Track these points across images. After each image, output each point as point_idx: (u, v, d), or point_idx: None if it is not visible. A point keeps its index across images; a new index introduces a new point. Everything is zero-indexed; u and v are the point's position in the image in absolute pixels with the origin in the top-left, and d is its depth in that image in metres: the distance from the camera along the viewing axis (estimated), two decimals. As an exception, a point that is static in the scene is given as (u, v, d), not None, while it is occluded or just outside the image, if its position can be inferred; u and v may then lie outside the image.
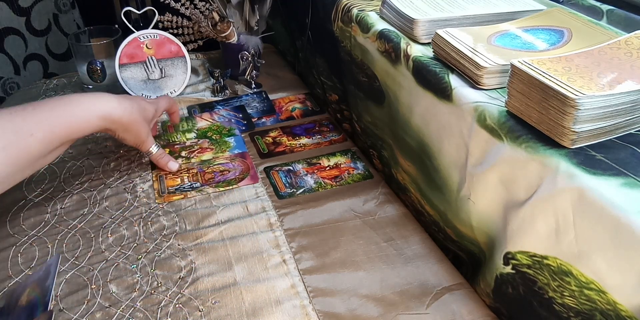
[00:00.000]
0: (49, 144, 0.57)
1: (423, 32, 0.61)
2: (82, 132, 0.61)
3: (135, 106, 0.67)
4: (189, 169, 0.77)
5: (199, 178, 0.75)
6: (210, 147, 0.82)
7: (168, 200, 0.70)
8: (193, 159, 0.79)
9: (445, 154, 0.58)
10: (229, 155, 0.80)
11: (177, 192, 0.72)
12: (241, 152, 0.81)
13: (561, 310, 0.44)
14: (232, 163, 0.78)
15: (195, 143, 0.83)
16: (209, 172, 0.76)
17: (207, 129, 0.87)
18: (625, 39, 0.49)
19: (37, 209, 0.69)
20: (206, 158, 0.79)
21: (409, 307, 0.55)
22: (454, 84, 0.54)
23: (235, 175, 0.75)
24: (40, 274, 0.54)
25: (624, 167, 0.40)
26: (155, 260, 0.61)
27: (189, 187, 0.73)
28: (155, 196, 0.71)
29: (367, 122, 0.79)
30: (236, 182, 0.74)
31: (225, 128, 0.87)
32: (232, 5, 0.94)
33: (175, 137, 0.85)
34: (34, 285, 0.53)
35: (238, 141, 0.84)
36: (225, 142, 0.83)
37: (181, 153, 0.80)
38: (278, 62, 1.13)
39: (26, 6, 1.15)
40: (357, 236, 0.65)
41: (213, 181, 0.74)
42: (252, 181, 0.74)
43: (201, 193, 0.72)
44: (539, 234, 0.45)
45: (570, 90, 0.41)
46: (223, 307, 0.55)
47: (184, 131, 0.86)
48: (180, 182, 0.74)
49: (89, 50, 0.93)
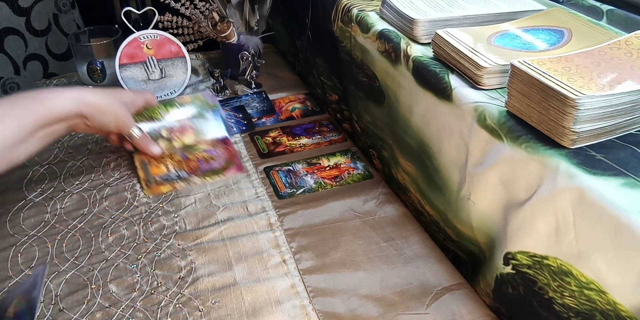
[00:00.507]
0: (22, 129, 0.57)
1: (423, 32, 0.61)
2: (55, 115, 0.60)
3: (111, 91, 0.68)
4: (172, 155, 0.77)
5: (183, 166, 0.75)
6: (191, 126, 0.80)
7: (157, 192, 0.71)
8: (175, 142, 0.78)
9: (445, 154, 0.58)
10: (211, 140, 0.80)
11: (165, 182, 0.73)
12: (222, 138, 0.81)
13: (561, 311, 0.44)
14: (215, 150, 0.78)
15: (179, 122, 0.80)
16: (193, 159, 0.76)
17: (190, 102, 0.85)
18: (625, 39, 0.49)
19: (37, 209, 0.69)
20: (188, 142, 0.78)
21: (409, 307, 0.55)
22: (454, 84, 0.54)
23: (221, 164, 0.76)
24: (27, 286, 0.53)
25: (624, 167, 0.41)
26: (155, 260, 0.61)
27: (176, 176, 0.74)
28: (143, 186, 0.72)
29: (367, 122, 0.79)
30: (222, 171, 0.75)
31: (208, 103, 0.85)
32: (232, 5, 0.94)
33: (157, 113, 0.80)
34: (20, 296, 0.52)
35: (216, 118, 0.83)
36: (204, 116, 0.82)
37: (162, 133, 0.78)
38: (278, 62, 1.13)
39: (26, 6, 1.15)
40: (357, 236, 0.65)
41: (199, 170, 0.75)
42: (239, 171, 0.75)
43: (188, 183, 0.73)
44: (539, 234, 0.45)
45: (570, 90, 0.41)
46: (223, 307, 0.55)
47: (165, 105, 0.82)
48: (165, 171, 0.74)
49: (89, 50, 0.93)
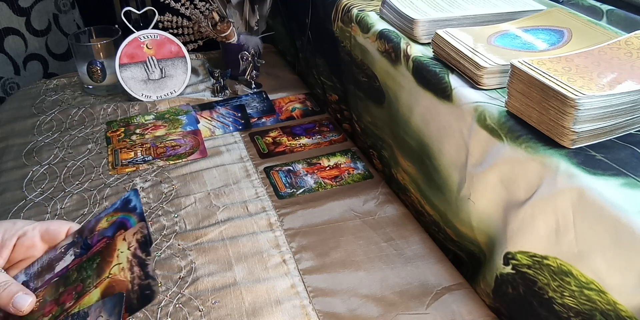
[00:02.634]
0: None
1: (423, 32, 0.61)
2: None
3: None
4: (143, 143, 0.82)
5: (151, 152, 0.80)
6: (163, 124, 0.87)
7: (121, 172, 0.76)
8: (147, 135, 0.85)
9: (445, 154, 0.58)
10: (182, 131, 0.86)
11: (130, 165, 0.77)
12: (193, 130, 0.86)
13: (561, 310, 0.44)
14: (183, 139, 0.84)
15: (152, 123, 0.88)
16: (161, 146, 0.81)
17: (166, 112, 0.91)
18: (625, 39, 0.49)
19: (37, 209, 0.69)
20: (159, 134, 0.85)
21: (409, 307, 0.55)
22: (454, 84, 0.54)
23: (186, 150, 0.81)
24: (116, 206, 0.53)
25: (624, 167, 0.40)
26: (155, 260, 0.61)
27: (142, 160, 0.78)
28: (109, 168, 0.76)
29: (367, 122, 0.79)
30: (186, 156, 0.79)
31: (183, 110, 0.91)
32: (232, 5, 0.94)
33: (134, 120, 0.89)
34: (111, 214, 0.53)
35: (190, 119, 0.88)
36: (178, 120, 0.88)
37: (135, 131, 0.85)
38: (278, 62, 1.13)
39: (26, 6, 1.15)
40: (357, 236, 0.65)
41: (164, 155, 0.79)
42: (201, 155, 0.80)
43: (152, 166, 0.77)
44: (539, 234, 0.45)
45: (570, 90, 0.41)
46: (223, 307, 0.55)
47: (143, 115, 0.91)
48: (133, 156, 0.79)
49: (89, 50, 0.93)
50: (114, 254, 0.48)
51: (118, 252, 0.48)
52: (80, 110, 0.92)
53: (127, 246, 0.48)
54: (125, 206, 0.53)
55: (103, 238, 0.50)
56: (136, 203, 0.52)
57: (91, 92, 0.97)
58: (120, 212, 0.53)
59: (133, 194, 0.54)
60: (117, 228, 0.51)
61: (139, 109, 0.92)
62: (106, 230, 0.51)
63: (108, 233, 0.50)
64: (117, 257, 0.48)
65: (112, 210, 0.53)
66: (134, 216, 0.51)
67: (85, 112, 0.91)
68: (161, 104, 0.94)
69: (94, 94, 0.97)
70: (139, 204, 0.52)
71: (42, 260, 0.51)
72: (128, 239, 0.49)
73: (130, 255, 0.47)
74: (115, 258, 0.48)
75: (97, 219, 0.53)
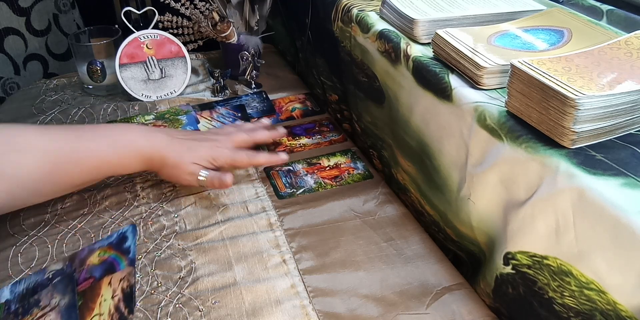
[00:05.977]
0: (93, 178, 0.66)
1: (423, 32, 0.61)
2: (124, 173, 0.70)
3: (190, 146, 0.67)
4: None
5: None
6: (163, 124, 0.85)
7: None
8: None
9: (445, 154, 0.58)
10: None
11: None
12: (193, 130, 0.85)
13: (561, 311, 0.44)
14: None
15: (152, 123, 0.86)
16: None
17: (166, 112, 0.90)
18: (625, 39, 0.49)
19: (37, 209, 0.69)
20: None
21: (409, 307, 0.55)
22: (454, 84, 0.54)
23: None
24: (111, 240, 0.54)
25: (624, 167, 0.41)
26: (155, 260, 0.61)
27: None
28: None
29: (367, 122, 0.79)
30: None
31: (183, 110, 0.90)
32: (232, 5, 0.94)
33: (134, 120, 0.88)
34: (105, 248, 0.53)
35: (190, 119, 0.87)
36: (178, 120, 0.87)
37: None
38: (278, 62, 1.13)
39: (26, 6, 1.15)
40: (357, 236, 0.65)
41: None
42: None
43: None
44: (539, 234, 0.45)
45: (570, 90, 0.41)
46: (223, 307, 0.55)
47: (143, 115, 0.90)
48: None
49: (89, 50, 0.93)
50: (96, 300, 0.47)
51: (101, 299, 0.48)
52: (80, 110, 0.92)
53: (112, 294, 0.47)
54: (119, 244, 0.53)
55: (90, 277, 0.50)
56: (131, 244, 0.52)
57: (91, 92, 0.97)
58: (113, 250, 0.52)
59: (130, 231, 0.54)
60: (105, 269, 0.50)
61: (139, 109, 0.92)
62: (95, 269, 0.50)
63: (95, 273, 0.50)
64: (100, 306, 0.47)
65: (106, 244, 0.53)
66: (124, 260, 0.50)
67: (85, 112, 0.91)
68: (161, 104, 0.94)
69: (94, 94, 0.97)
70: (133, 247, 0.52)
71: (29, 281, 0.51)
72: (113, 285, 0.48)
73: (113, 307, 0.46)
74: (97, 306, 0.47)
75: (90, 249, 0.53)
